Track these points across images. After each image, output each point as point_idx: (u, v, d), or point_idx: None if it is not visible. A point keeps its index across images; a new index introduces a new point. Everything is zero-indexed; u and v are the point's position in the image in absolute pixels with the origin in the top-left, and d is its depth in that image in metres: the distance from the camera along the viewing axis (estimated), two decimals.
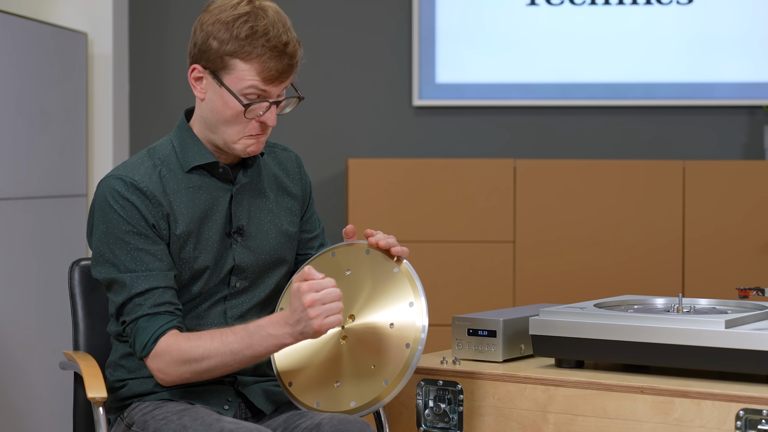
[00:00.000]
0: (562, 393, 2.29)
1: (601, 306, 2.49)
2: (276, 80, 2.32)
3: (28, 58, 4.07)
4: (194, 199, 2.38)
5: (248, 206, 2.45)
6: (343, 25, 5.01)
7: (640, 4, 4.89)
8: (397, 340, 2.28)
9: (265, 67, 2.30)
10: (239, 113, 2.33)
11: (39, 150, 4.13)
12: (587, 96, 4.91)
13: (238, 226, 2.41)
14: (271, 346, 2.25)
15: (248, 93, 2.32)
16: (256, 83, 2.31)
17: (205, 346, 2.27)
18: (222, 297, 2.43)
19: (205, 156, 2.39)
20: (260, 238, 2.45)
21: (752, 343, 2.19)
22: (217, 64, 2.33)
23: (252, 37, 2.29)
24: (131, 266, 2.31)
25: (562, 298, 4.48)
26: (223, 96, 2.34)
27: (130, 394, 2.42)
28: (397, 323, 2.31)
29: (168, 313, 2.31)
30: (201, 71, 2.36)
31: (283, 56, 2.31)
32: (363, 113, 5.01)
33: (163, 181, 2.37)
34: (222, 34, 2.31)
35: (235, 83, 2.32)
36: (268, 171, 2.51)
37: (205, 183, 2.40)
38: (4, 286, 3.90)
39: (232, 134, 2.36)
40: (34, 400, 4.05)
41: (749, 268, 4.46)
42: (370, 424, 2.31)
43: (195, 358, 2.28)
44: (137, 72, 4.97)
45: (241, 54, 2.30)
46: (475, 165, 4.55)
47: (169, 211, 2.35)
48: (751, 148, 4.91)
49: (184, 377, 2.30)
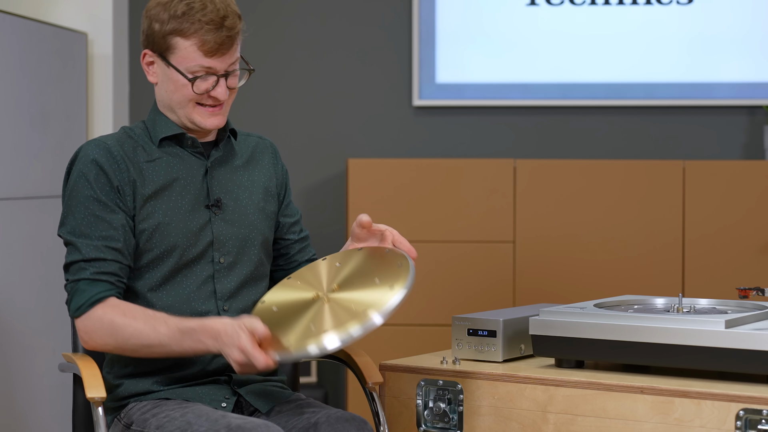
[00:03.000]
0: (562, 393, 2.29)
1: (601, 306, 2.49)
2: (217, 52, 2.39)
3: (28, 58, 4.07)
4: (166, 167, 2.46)
5: (225, 181, 2.51)
6: (343, 24, 5.01)
7: (640, 4, 4.89)
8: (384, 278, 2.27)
9: (204, 40, 2.38)
10: (188, 89, 2.42)
11: (39, 150, 4.13)
12: (587, 96, 4.91)
13: (215, 199, 2.48)
14: (198, 350, 2.30)
15: (195, 71, 2.41)
16: (199, 60, 2.40)
17: (136, 326, 2.32)
18: (209, 276, 2.46)
19: (173, 128, 2.48)
20: (239, 212, 2.51)
21: (752, 343, 2.19)
22: (161, 46, 2.43)
23: (188, 13, 2.39)
24: (86, 231, 2.38)
25: (562, 298, 4.48)
26: (171, 76, 2.43)
27: (127, 394, 2.43)
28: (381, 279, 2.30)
29: (109, 282, 2.36)
30: (151, 55, 2.46)
31: (221, 29, 2.39)
32: (363, 113, 5.01)
33: (135, 150, 2.45)
34: (162, 15, 2.42)
35: (180, 62, 2.41)
36: (243, 153, 2.58)
37: (177, 154, 2.48)
38: (4, 286, 3.90)
39: (189, 110, 2.45)
40: (34, 400, 4.05)
41: (749, 268, 4.46)
42: (368, 422, 2.31)
43: (123, 336, 2.32)
44: (137, 72, 4.97)
45: (180, 31, 2.40)
46: (475, 165, 4.55)
47: (136, 177, 2.42)
48: (751, 148, 4.91)
49: (106, 348, 2.36)
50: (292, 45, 5.01)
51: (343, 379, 4.95)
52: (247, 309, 2.49)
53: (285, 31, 5.01)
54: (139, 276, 2.43)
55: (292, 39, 5.01)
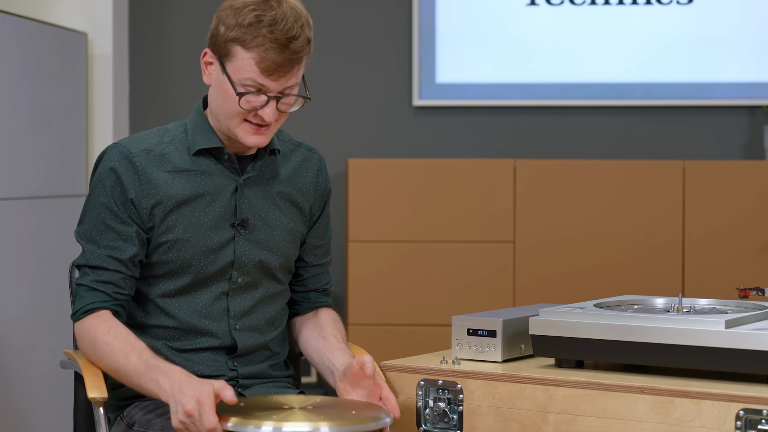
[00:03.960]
0: (562, 393, 2.29)
1: (601, 306, 2.49)
2: (274, 73, 2.28)
3: (28, 58, 4.07)
4: (193, 182, 2.38)
5: (255, 200, 2.43)
6: (343, 25, 5.01)
7: (640, 4, 4.89)
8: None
9: (264, 57, 2.27)
10: (235, 102, 2.31)
11: (39, 150, 4.13)
12: (587, 96, 4.91)
13: (242, 219, 2.41)
14: (149, 389, 2.22)
15: (247, 84, 2.30)
16: (254, 75, 2.28)
17: (113, 348, 2.29)
18: (223, 293, 2.42)
19: (212, 141, 2.39)
20: (266, 233, 2.44)
21: (752, 343, 2.19)
22: (222, 50, 2.31)
23: (255, 25, 2.27)
24: (95, 238, 2.37)
25: (562, 298, 4.48)
26: (223, 83, 2.32)
27: (130, 394, 2.42)
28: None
29: (105, 293, 2.35)
30: (211, 56, 2.35)
31: (285, 50, 2.28)
32: (363, 113, 5.01)
33: (163, 158, 2.37)
34: (230, 19, 2.30)
35: (235, 72, 2.30)
36: (286, 168, 2.49)
37: (210, 169, 2.40)
38: (4, 286, 3.90)
39: (234, 123, 2.34)
40: (35, 399, 4.05)
41: (749, 268, 4.46)
42: None
43: (99, 353, 2.32)
44: (137, 72, 4.97)
45: (243, 41, 2.27)
46: (475, 165, 4.55)
47: (157, 190, 2.35)
48: (751, 148, 4.91)
49: (88, 358, 2.37)
50: None
51: None
52: (259, 328, 2.46)
53: None
54: (154, 284, 2.41)
55: None
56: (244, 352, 2.44)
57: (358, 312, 4.53)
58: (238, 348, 2.42)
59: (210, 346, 2.41)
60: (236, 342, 2.42)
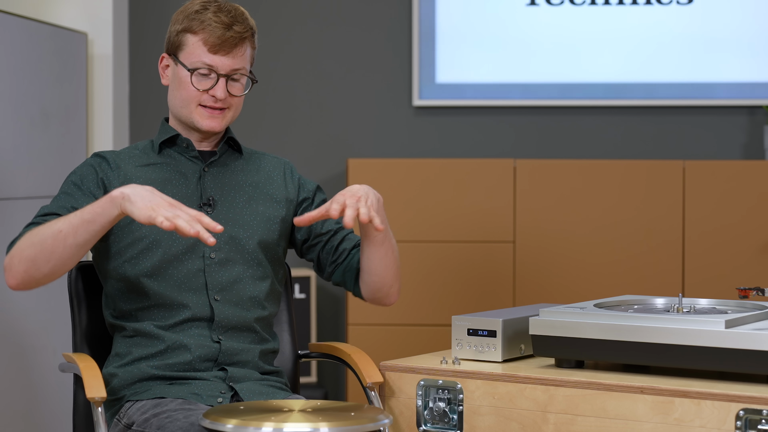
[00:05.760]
0: (562, 393, 2.29)
1: (601, 306, 2.49)
2: (220, 50, 2.50)
3: (28, 58, 4.07)
4: (161, 170, 2.56)
5: (221, 185, 2.58)
6: (343, 25, 5.01)
7: (640, 4, 4.89)
8: None
9: (210, 35, 2.50)
10: (189, 83, 2.52)
11: (39, 150, 4.13)
12: (587, 96, 4.91)
13: (208, 197, 2.55)
14: (101, 211, 2.29)
15: (197, 66, 2.51)
16: (203, 56, 2.50)
17: (47, 225, 2.35)
18: (199, 270, 2.51)
19: (170, 132, 2.58)
20: (233, 212, 2.56)
21: (752, 343, 2.19)
22: (174, 45, 2.56)
23: (202, 12, 2.52)
24: (53, 204, 2.49)
25: (562, 298, 4.48)
26: (178, 73, 2.54)
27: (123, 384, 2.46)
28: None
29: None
30: (167, 59, 2.59)
31: (228, 29, 2.50)
32: (363, 113, 5.01)
33: (132, 158, 2.57)
34: (178, 16, 2.56)
35: (187, 57, 2.53)
36: (253, 165, 2.65)
37: (175, 160, 2.58)
38: (4, 286, 3.90)
39: (191, 109, 2.54)
40: (35, 400, 4.05)
41: (749, 268, 4.46)
42: None
43: (40, 235, 2.34)
44: (137, 72, 4.98)
45: (190, 27, 2.52)
46: (475, 165, 4.55)
47: (126, 179, 2.51)
48: (751, 148, 4.91)
49: (24, 262, 2.35)
50: (292, 45, 5.01)
51: (343, 379, 4.96)
52: (240, 303, 2.53)
53: (285, 31, 5.01)
54: (135, 264, 2.49)
55: (292, 39, 5.01)
56: (224, 324, 2.50)
57: (358, 312, 4.53)
58: (215, 317, 2.48)
59: (191, 316, 2.48)
60: (214, 312, 2.49)
